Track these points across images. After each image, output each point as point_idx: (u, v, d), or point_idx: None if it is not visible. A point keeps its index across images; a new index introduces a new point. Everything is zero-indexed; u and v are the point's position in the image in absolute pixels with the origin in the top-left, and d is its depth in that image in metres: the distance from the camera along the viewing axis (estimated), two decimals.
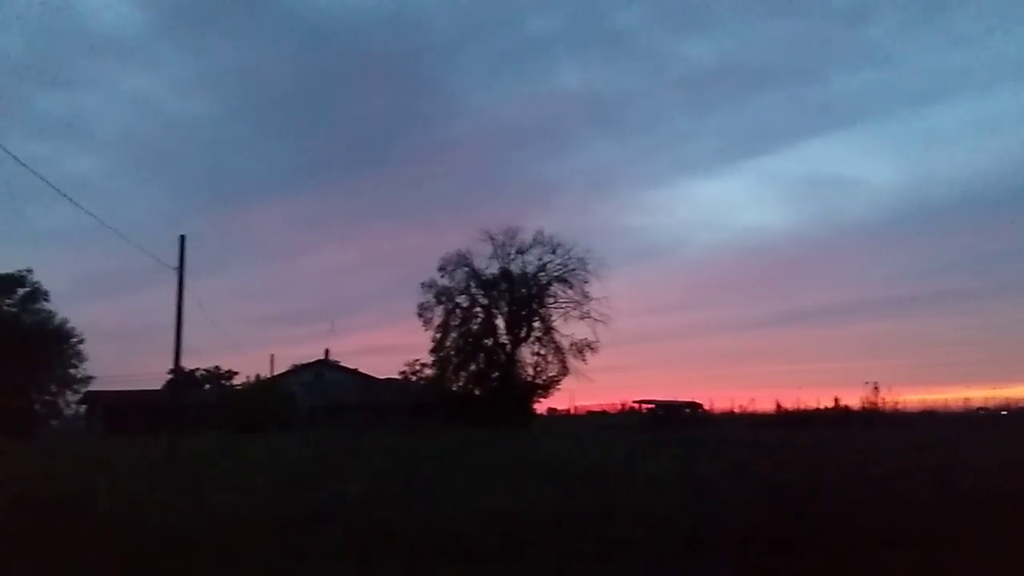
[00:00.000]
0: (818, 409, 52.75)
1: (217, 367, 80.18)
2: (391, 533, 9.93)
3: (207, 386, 76.17)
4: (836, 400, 53.06)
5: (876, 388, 50.20)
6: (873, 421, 45.35)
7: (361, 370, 66.77)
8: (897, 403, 51.47)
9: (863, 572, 8.03)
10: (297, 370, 65.80)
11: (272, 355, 70.14)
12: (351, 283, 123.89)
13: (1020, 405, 56.33)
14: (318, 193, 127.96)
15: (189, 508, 12.29)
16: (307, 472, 18.42)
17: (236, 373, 77.01)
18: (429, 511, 11.49)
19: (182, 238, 29.88)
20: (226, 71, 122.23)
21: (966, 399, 62.18)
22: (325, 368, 66.55)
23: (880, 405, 49.90)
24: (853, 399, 51.99)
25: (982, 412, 56.79)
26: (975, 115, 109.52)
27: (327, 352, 68.51)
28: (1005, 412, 55.10)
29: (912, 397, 62.47)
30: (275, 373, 65.24)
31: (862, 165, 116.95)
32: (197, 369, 77.19)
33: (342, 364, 67.61)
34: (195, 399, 54.70)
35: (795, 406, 54.27)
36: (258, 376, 62.35)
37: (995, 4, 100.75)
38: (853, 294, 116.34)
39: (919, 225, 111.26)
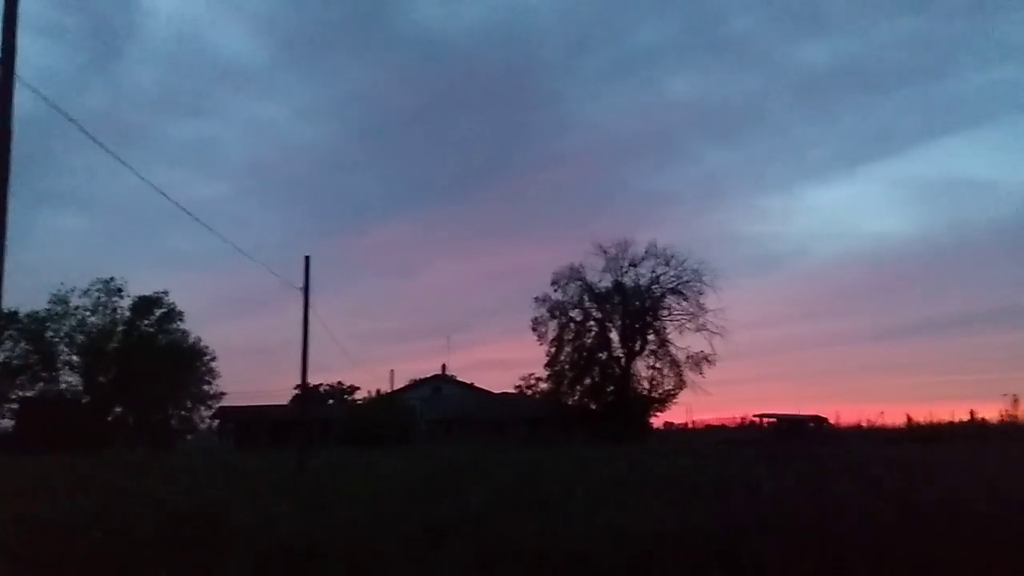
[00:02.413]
0: (952, 423, 50.15)
1: (340, 383, 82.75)
2: (513, 548, 10.00)
3: (330, 401, 78.53)
4: (972, 413, 50.36)
5: (1016, 400, 47.36)
6: (1013, 435, 42.75)
7: (477, 385, 67.71)
8: None
9: None
10: (415, 385, 67.20)
11: (392, 370, 71.98)
12: (466, 299, 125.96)
13: None
14: (434, 211, 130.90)
15: (318, 520, 12.71)
16: (430, 486, 18.74)
17: (357, 388, 79.43)
18: (550, 526, 11.50)
19: (307, 259, 30.99)
20: (345, 95, 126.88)
21: None
22: (442, 383, 67.70)
23: (1020, 418, 47.04)
24: (991, 412, 49.20)
25: None
26: None
27: (444, 367, 69.78)
28: None
29: None
30: (394, 388, 66.87)
31: (993, 165, 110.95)
32: (321, 385, 79.82)
33: (458, 379, 68.69)
34: (320, 414, 56.54)
35: (927, 420, 51.75)
36: (378, 391, 64.03)
37: None
38: (987, 302, 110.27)
39: None
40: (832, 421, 56.36)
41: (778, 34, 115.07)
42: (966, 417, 50.22)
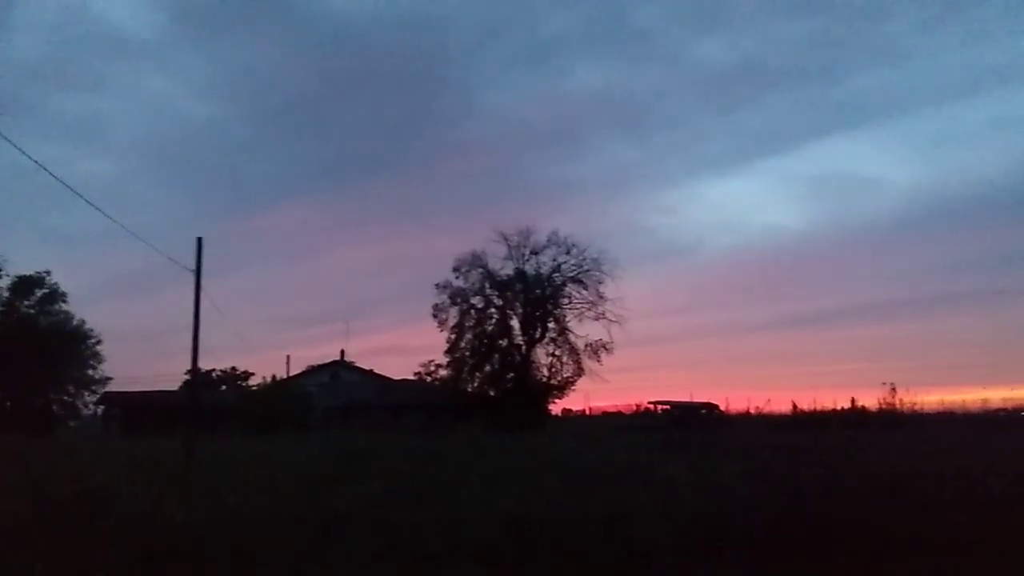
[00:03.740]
0: (835, 410, 52.39)
1: (233, 368, 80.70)
2: (410, 534, 9.96)
3: (223, 387, 76.52)
4: (853, 401, 52.73)
5: (894, 389, 49.87)
6: (891, 423, 45.02)
7: (377, 371, 67.05)
8: (915, 404, 51.13)
9: (878, 572, 7.96)
10: (313, 371, 66.04)
11: (288, 356, 70.47)
12: (366, 284, 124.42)
13: None
14: (335, 194, 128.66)
15: (208, 509, 12.34)
16: (325, 473, 18.46)
17: (252, 374, 77.55)
18: (447, 513, 11.51)
19: (199, 240, 30.04)
20: (244, 74, 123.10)
21: (984, 400, 61.65)
22: (341, 369, 66.75)
23: (898, 406, 49.54)
24: (870, 400, 51.64)
25: (1001, 413, 56.30)
26: (994, 114, 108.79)
27: (343, 353, 68.80)
28: None
29: (930, 398, 61.81)
30: (291, 374, 65.54)
31: (879, 164, 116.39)
32: (213, 370, 77.65)
33: (358, 365, 67.85)
34: (212, 400, 54.92)
35: (812, 407, 53.97)
36: (274, 377, 62.62)
37: (1011, 4, 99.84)
38: (870, 294, 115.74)
39: (936, 225, 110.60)
40: (723, 408, 58.19)
41: (681, 29, 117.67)
42: (848, 405, 52.52)
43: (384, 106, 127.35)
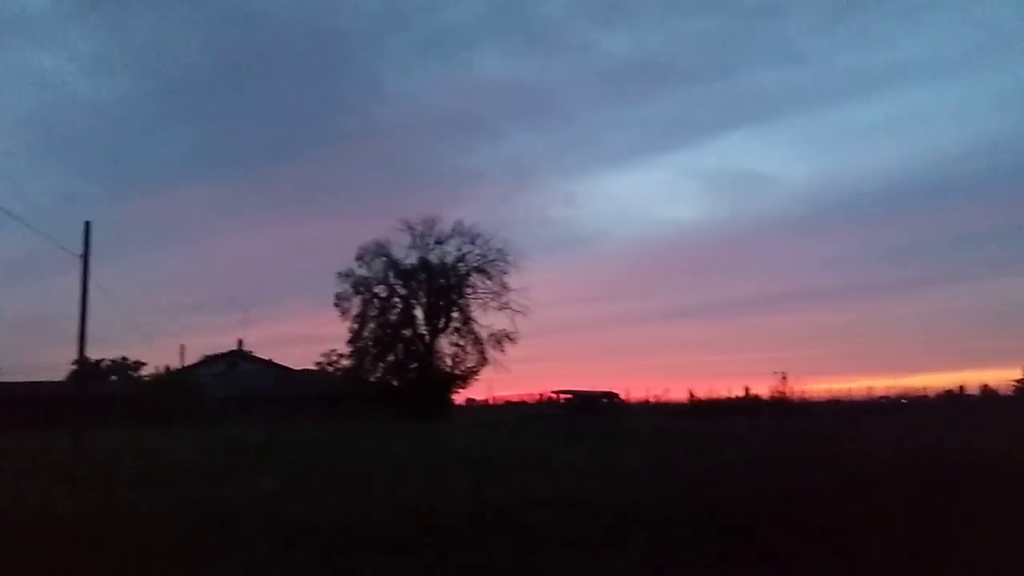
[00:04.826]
0: (729, 398, 54.22)
1: (124, 358, 77.83)
2: (306, 527, 9.81)
3: (113, 377, 73.69)
4: (747, 390, 54.70)
5: (784, 377, 51.96)
6: (782, 410, 46.83)
7: (276, 361, 65.69)
8: (804, 392, 53.39)
9: (771, 555, 8.27)
10: (209, 361, 64.21)
11: (183, 345, 68.36)
12: (266, 272, 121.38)
13: (917, 394, 58.99)
14: (233, 178, 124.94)
15: (96, 504, 11.88)
16: (219, 466, 18.01)
17: (144, 364, 74.85)
18: (347, 505, 11.38)
19: (87, 224, 28.74)
20: (140, 51, 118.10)
21: (869, 388, 64.83)
22: (238, 359, 65.10)
23: (788, 394, 51.65)
24: (763, 388, 53.67)
25: (883, 401, 59.25)
26: (883, 114, 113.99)
27: (240, 342, 67.11)
28: (904, 401, 57.64)
29: (818, 386, 64.73)
30: (186, 364, 63.62)
31: (776, 160, 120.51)
32: (103, 360, 74.64)
33: (256, 355, 66.34)
34: (100, 391, 52.76)
35: (707, 395, 55.73)
36: (167, 367, 60.69)
37: (902, 7, 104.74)
38: (764, 287, 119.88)
39: (828, 220, 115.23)
40: (623, 397, 59.39)
41: (586, 22, 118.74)
42: (742, 393, 54.46)
43: (286, 89, 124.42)
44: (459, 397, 63.73)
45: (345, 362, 58.86)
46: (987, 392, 56.76)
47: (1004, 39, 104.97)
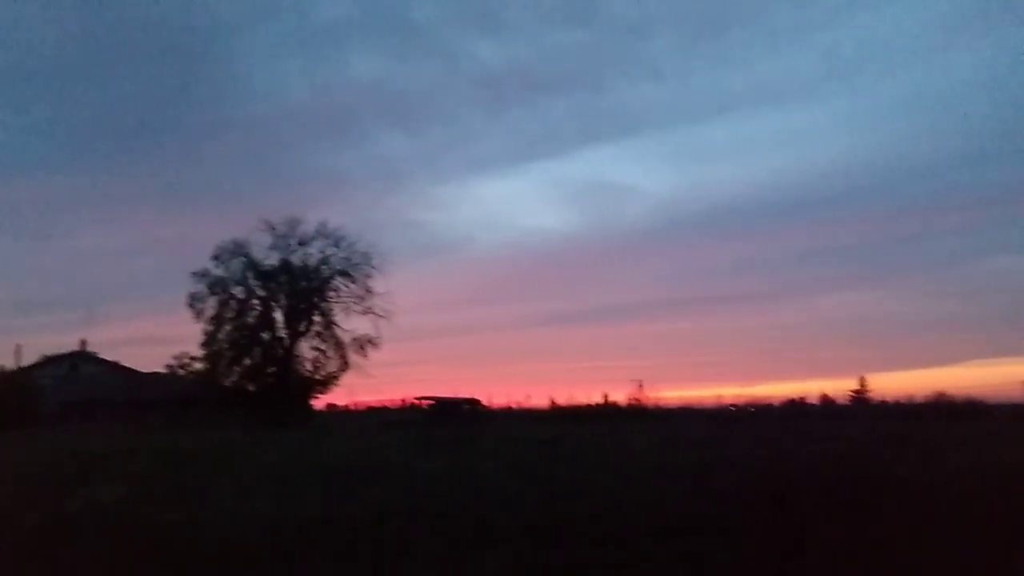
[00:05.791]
0: (589, 405, 55.45)
1: None
2: (153, 539, 9.33)
3: None
4: (605, 397, 56.10)
5: (641, 385, 53.66)
6: (638, 417, 48.30)
7: (123, 363, 62.51)
8: (659, 399, 55.28)
9: (627, 563, 8.46)
10: (48, 362, 60.39)
11: (19, 345, 64.00)
12: (114, 269, 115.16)
13: (765, 403, 62.03)
14: (81, 169, 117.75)
15: None
16: (59, 474, 16.88)
17: None
18: (194, 515, 10.88)
19: None
20: None
21: (719, 396, 67.67)
22: (81, 360, 61.58)
23: (644, 402, 53.35)
24: (621, 396, 55.21)
25: (733, 408, 61.98)
26: (740, 133, 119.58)
27: (84, 343, 63.44)
28: (752, 409, 60.50)
29: (672, 394, 66.97)
30: (22, 365, 59.57)
31: (638, 173, 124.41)
32: None
33: (102, 356, 62.89)
34: None
35: (568, 402, 56.80)
36: (1, 368, 56.65)
37: (761, 32, 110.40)
38: (624, 296, 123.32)
39: (685, 233, 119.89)
40: (485, 403, 59.67)
41: (458, 27, 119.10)
42: (601, 400, 55.80)
43: (142, 79, 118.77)
44: (319, 403, 62.50)
45: (198, 365, 56.56)
46: (826, 401, 60.25)
47: (854, 65, 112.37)
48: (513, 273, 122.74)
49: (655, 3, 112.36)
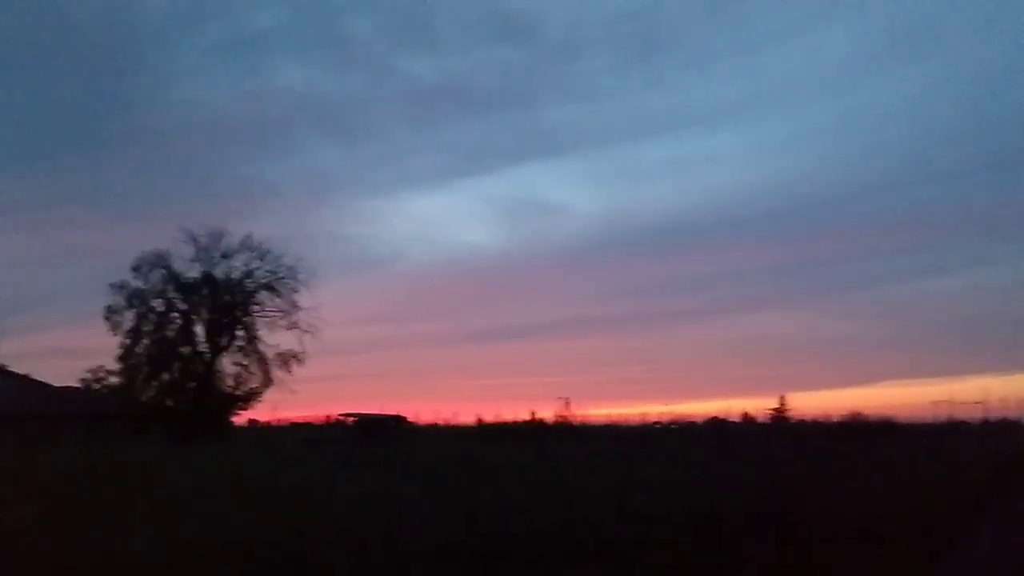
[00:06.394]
0: (516, 422, 55.52)
1: None
2: (62, 566, 8.97)
3: None
4: (532, 414, 56.28)
5: (568, 403, 54.00)
6: (564, 435, 48.54)
7: (34, 376, 60.01)
8: (586, 417, 55.72)
9: None
10: None
11: None
12: (28, 279, 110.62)
13: (688, 420, 63.08)
14: None
15: None
16: None
17: None
18: (107, 540, 10.52)
19: None
20: None
21: (644, 414, 68.54)
22: None
23: (570, 419, 53.70)
24: (548, 413, 55.44)
25: (657, 426, 62.83)
26: (671, 154, 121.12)
27: None
28: (675, 426, 61.45)
29: (599, 411, 67.73)
30: None
31: (569, 192, 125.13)
32: None
33: (11, 369, 60.30)
34: None
35: (495, 419, 56.79)
36: None
37: (692, 55, 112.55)
38: (552, 313, 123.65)
39: (615, 252, 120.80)
40: (412, 419, 59.26)
41: (391, 41, 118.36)
42: (528, 417, 55.97)
43: (64, 84, 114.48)
44: (241, 419, 61.13)
45: (114, 380, 54.84)
46: (747, 419, 61.54)
47: (781, 89, 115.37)
48: (442, 289, 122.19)
49: (589, 24, 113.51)
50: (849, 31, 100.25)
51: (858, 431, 46.38)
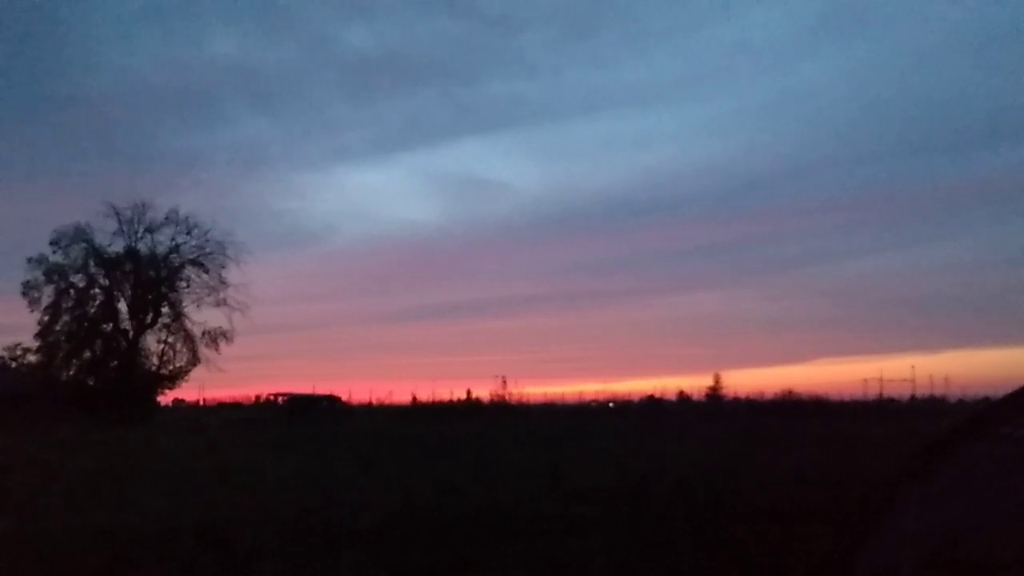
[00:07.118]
0: (452, 401, 55.53)
1: None
2: None
3: None
4: (468, 392, 56.33)
5: (504, 381, 54.18)
6: (501, 413, 48.71)
7: None
8: (522, 395, 55.99)
9: (476, 564, 8.41)
10: None
11: None
12: None
13: (624, 399, 63.94)
14: None
15: None
16: None
17: None
18: (20, 527, 10.09)
19: None
20: None
21: (580, 392, 69.29)
22: None
23: (507, 397, 53.91)
24: (485, 392, 55.54)
25: (593, 404, 63.55)
26: (608, 132, 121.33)
27: None
28: (612, 404, 62.25)
29: (536, 390, 68.10)
30: None
31: (507, 169, 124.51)
32: None
33: None
34: None
35: (430, 398, 56.67)
36: None
37: (631, 33, 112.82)
38: (489, 291, 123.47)
39: (553, 229, 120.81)
40: (345, 399, 58.73)
41: (327, 10, 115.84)
42: (464, 396, 56.01)
43: None
44: (166, 398, 59.72)
45: (32, 358, 52.89)
46: (683, 398, 62.62)
47: (720, 70, 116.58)
48: (377, 266, 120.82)
49: None
50: (788, 9, 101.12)
51: (790, 409, 47.56)
